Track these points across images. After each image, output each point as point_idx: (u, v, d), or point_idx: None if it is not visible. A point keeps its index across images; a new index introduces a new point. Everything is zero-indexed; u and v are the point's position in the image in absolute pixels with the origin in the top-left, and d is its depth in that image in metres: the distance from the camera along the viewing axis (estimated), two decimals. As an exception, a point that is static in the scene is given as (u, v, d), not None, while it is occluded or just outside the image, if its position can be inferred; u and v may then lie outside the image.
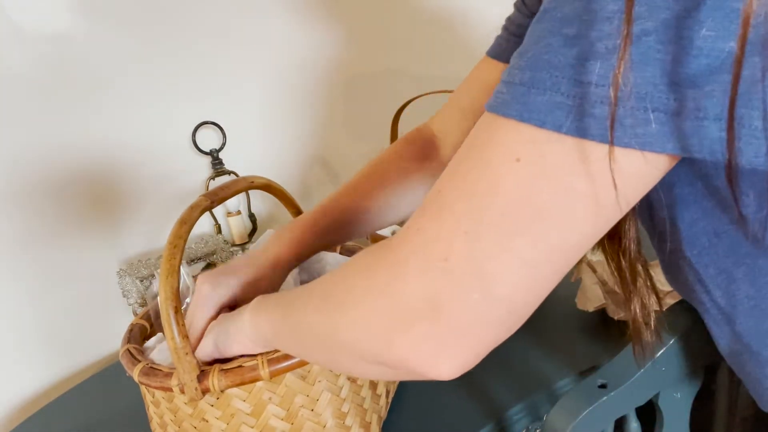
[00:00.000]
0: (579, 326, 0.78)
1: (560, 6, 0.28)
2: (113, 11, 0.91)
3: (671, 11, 0.25)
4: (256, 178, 0.65)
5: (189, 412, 0.55)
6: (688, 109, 0.26)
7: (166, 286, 0.50)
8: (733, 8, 0.24)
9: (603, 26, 0.26)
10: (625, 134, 0.27)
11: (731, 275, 0.37)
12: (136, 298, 0.88)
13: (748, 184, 0.30)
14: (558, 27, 0.28)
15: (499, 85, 0.31)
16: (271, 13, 1.05)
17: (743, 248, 0.35)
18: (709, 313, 0.42)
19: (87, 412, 0.82)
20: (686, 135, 0.26)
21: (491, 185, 0.29)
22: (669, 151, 0.27)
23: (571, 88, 0.27)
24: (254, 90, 1.07)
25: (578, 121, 0.27)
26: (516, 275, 0.30)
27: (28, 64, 0.86)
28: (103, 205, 0.96)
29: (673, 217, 0.38)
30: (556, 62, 0.28)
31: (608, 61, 0.26)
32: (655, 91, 0.26)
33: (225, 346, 0.52)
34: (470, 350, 0.32)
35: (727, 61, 0.25)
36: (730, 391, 0.58)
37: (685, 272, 0.41)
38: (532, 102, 0.28)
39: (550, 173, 0.28)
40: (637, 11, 0.25)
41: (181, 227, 0.52)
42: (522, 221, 0.29)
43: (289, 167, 1.13)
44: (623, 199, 0.29)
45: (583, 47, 0.27)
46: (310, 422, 0.55)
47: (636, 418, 0.54)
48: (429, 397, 0.68)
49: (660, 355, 0.49)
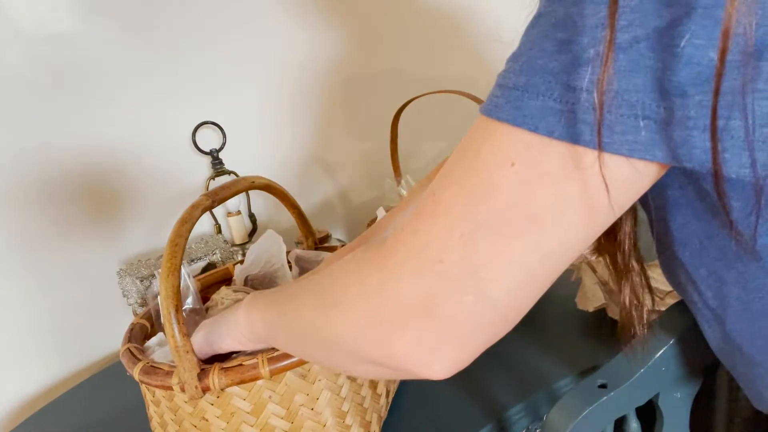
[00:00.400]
0: (579, 326, 0.78)
1: (554, 11, 0.28)
2: (113, 11, 0.91)
3: (662, 19, 0.25)
4: (257, 178, 0.65)
5: (189, 411, 0.55)
6: (677, 118, 0.26)
7: (167, 285, 0.51)
8: (722, 18, 0.24)
9: (595, 32, 0.26)
10: (615, 141, 0.27)
11: (722, 277, 0.37)
12: (136, 298, 0.88)
13: (736, 193, 0.30)
14: (552, 32, 0.28)
15: (494, 88, 0.31)
16: (271, 13, 1.05)
17: (733, 252, 0.35)
18: (701, 313, 0.42)
19: (87, 412, 0.82)
20: (676, 144, 0.26)
21: (486, 189, 0.30)
22: (659, 159, 0.27)
23: (564, 94, 0.27)
24: (254, 90, 1.07)
25: (570, 127, 0.27)
26: (510, 278, 0.30)
27: (27, 64, 0.86)
28: (103, 205, 0.96)
29: (665, 218, 0.38)
30: (550, 67, 0.28)
31: (599, 67, 0.26)
32: (645, 98, 0.26)
33: (218, 342, 0.52)
34: (464, 350, 0.32)
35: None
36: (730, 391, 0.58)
37: (678, 272, 0.41)
38: (525, 106, 0.28)
39: (544, 178, 0.29)
40: (628, 18, 0.26)
41: (182, 226, 0.52)
42: (516, 225, 0.29)
43: (289, 167, 1.13)
44: (616, 204, 0.29)
45: (576, 53, 0.27)
46: (310, 421, 0.55)
47: (636, 418, 0.54)
48: (429, 397, 0.68)
49: (660, 355, 0.49)
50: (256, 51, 1.05)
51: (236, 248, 1.01)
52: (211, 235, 1.04)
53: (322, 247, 0.79)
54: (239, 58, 1.03)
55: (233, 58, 1.02)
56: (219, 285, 0.76)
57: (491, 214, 0.30)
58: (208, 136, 1.02)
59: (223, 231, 1.06)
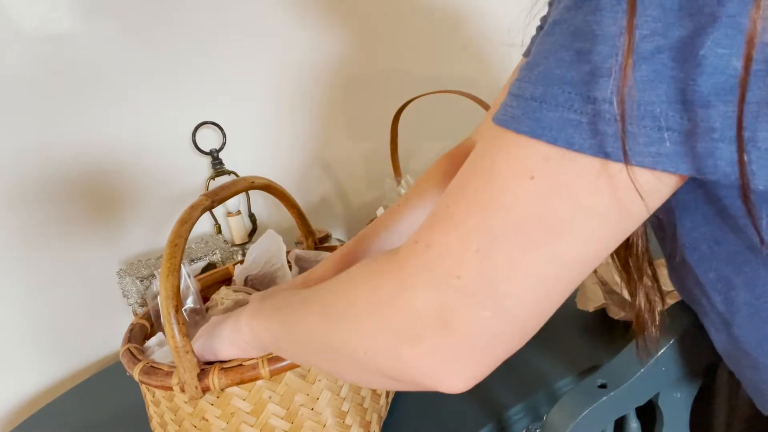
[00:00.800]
0: (579, 326, 0.78)
1: (572, 19, 0.27)
2: (113, 11, 0.91)
3: (686, 28, 0.25)
4: (256, 178, 0.65)
5: (189, 411, 0.55)
6: (702, 130, 0.25)
7: (167, 285, 0.51)
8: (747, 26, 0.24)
9: (615, 41, 0.26)
10: (638, 152, 0.26)
11: (730, 282, 0.37)
12: (136, 298, 0.88)
13: (764, 206, 0.29)
14: (570, 41, 0.27)
15: (508, 98, 0.30)
16: (271, 13, 1.05)
17: (743, 256, 0.35)
18: (708, 317, 0.42)
19: (87, 412, 0.82)
20: (700, 156, 0.26)
21: (504, 202, 0.29)
22: (682, 171, 0.26)
23: (584, 105, 0.27)
24: (254, 90, 1.07)
25: (591, 139, 0.27)
26: (528, 292, 0.30)
27: (27, 64, 0.86)
28: (103, 205, 0.96)
29: (675, 221, 0.38)
30: (569, 78, 0.27)
31: (620, 77, 0.26)
32: (669, 109, 0.25)
33: (219, 349, 0.52)
34: (481, 364, 0.32)
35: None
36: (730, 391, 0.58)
37: (686, 275, 0.41)
38: (544, 118, 0.28)
39: (564, 190, 0.28)
40: (650, 27, 0.25)
41: (182, 226, 0.52)
42: (535, 238, 0.29)
43: (289, 167, 1.13)
44: (636, 216, 0.29)
45: (595, 63, 0.26)
46: (309, 421, 0.55)
47: (636, 418, 0.54)
48: (429, 397, 0.68)
49: (660, 355, 0.49)
50: (256, 51, 1.05)
51: (236, 248, 1.01)
52: (211, 235, 1.04)
53: (321, 247, 0.79)
54: (239, 58, 1.03)
55: (233, 58, 1.02)
56: (219, 285, 0.76)
57: (508, 226, 0.29)
58: (208, 136, 1.02)
59: (223, 231, 1.06)
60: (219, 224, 1.06)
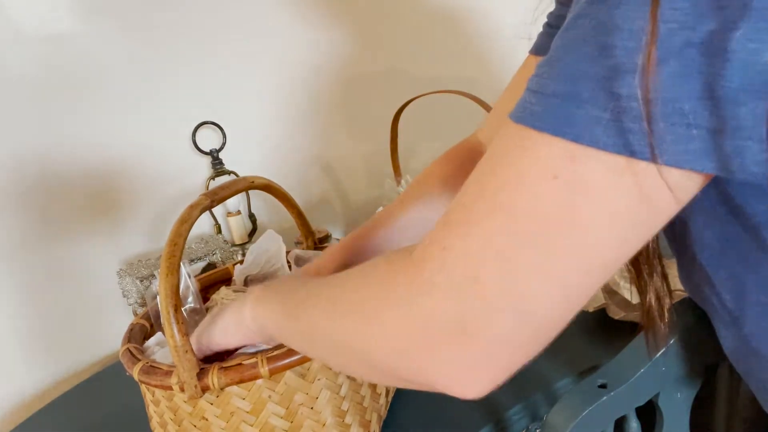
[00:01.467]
0: (579, 326, 0.78)
1: (594, 13, 0.26)
2: (113, 11, 0.91)
3: (715, 21, 0.24)
4: (256, 178, 0.65)
5: (189, 411, 0.55)
6: (731, 127, 0.24)
7: (166, 284, 0.50)
8: None
9: (641, 36, 0.24)
10: (665, 151, 0.25)
11: (741, 280, 0.36)
12: (136, 298, 0.88)
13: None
14: (593, 35, 0.26)
15: (527, 94, 0.29)
16: (271, 13, 1.05)
17: (754, 256, 0.34)
18: (718, 314, 0.41)
19: (87, 412, 0.82)
20: (727, 155, 0.25)
21: (527, 203, 0.28)
22: (708, 170, 0.25)
23: (608, 101, 0.26)
24: (254, 90, 1.07)
25: (617, 137, 0.26)
26: (549, 296, 0.29)
27: (28, 64, 0.86)
28: (103, 205, 0.96)
29: (686, 219, 0.37)
30: (592, 73, 0.26)
31: (647, 73, 0.25)
32: (697, 106, 0.24)
33: (222, 339, 0.52)
34: (499, 372, 0.31)
35: None
36: (730, 391, 0.58)
37: (696, 273, 0.41)
38: (566, 115, 0.27)
39: (589, 190, 0.27)
40: (679, 21, 0.24)
41: (182, 226, 0.52)
42: (556, 240, 0.28)
43: (289, 167, 1.13)
44: (661, 216, 0.28)
45: (620, 58, 0.25)
46: (309, 420, 0.55)
47: (636, 418, 0.54)
48: (429, 397, 0.68)
49: (660, 355, 0.49)
50: (256, 51, 1.05)
51: (236, 248, 1.01)
52: (211, 235, 1.04)
53: (321, 247, 0.79)
54: (239, 58, 1.03)
55: (233, 58, 1.02)
56: (219, 285, 0.76)
57: (530, 228, 0.28)
58: (208, 136, 1.02)
59: (223, 231, 1.06)
60: (219, 224, 1.06)
